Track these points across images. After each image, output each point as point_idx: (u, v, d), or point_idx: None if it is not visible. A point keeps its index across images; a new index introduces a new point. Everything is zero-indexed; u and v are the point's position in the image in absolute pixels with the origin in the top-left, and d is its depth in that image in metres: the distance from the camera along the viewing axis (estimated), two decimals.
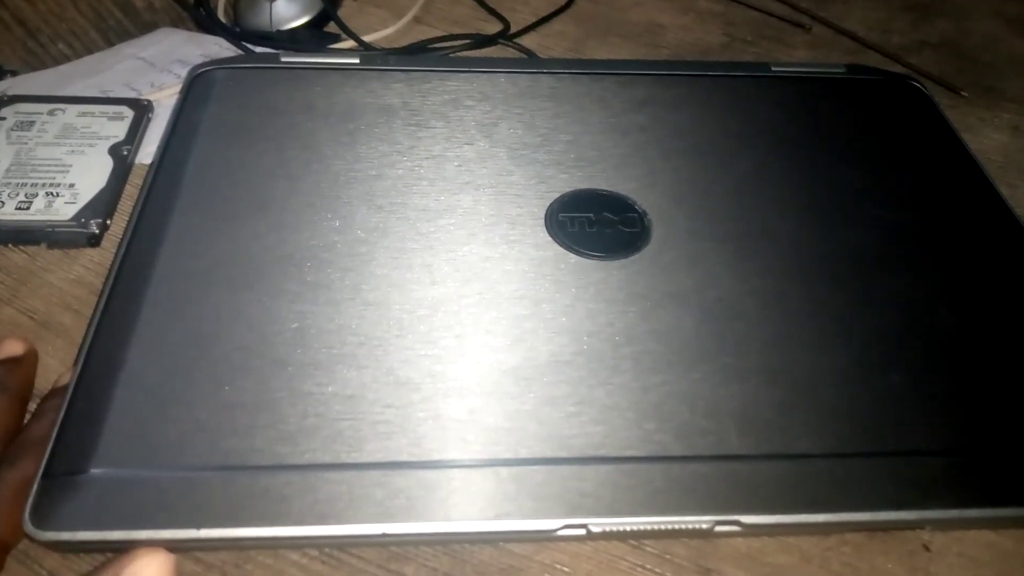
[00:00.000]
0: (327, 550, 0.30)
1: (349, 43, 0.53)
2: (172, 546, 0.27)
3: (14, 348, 0.32)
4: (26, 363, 0.32)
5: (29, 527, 0.26)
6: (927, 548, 0.31)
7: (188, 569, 0.29)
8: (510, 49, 0.55)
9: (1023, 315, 0.36)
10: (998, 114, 0.52)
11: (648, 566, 0.30)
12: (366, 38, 0.53)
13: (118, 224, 0.40)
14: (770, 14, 0.60)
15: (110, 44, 0.53)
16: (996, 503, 0.30)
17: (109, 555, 0.27)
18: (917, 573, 0.30)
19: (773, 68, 0.48)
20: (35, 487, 0.27)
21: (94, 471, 0.28)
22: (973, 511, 0.30)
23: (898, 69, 0.55)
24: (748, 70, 0.48)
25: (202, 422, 0.29)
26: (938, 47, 0.58)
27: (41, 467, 0.28)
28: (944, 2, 0.63)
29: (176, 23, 0.56)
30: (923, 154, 0.44)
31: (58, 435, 0.29)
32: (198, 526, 0.27)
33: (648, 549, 0.30)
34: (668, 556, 0.30)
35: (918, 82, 0.49)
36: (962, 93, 0.53)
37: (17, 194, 0.40)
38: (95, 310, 0.33)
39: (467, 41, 0.54)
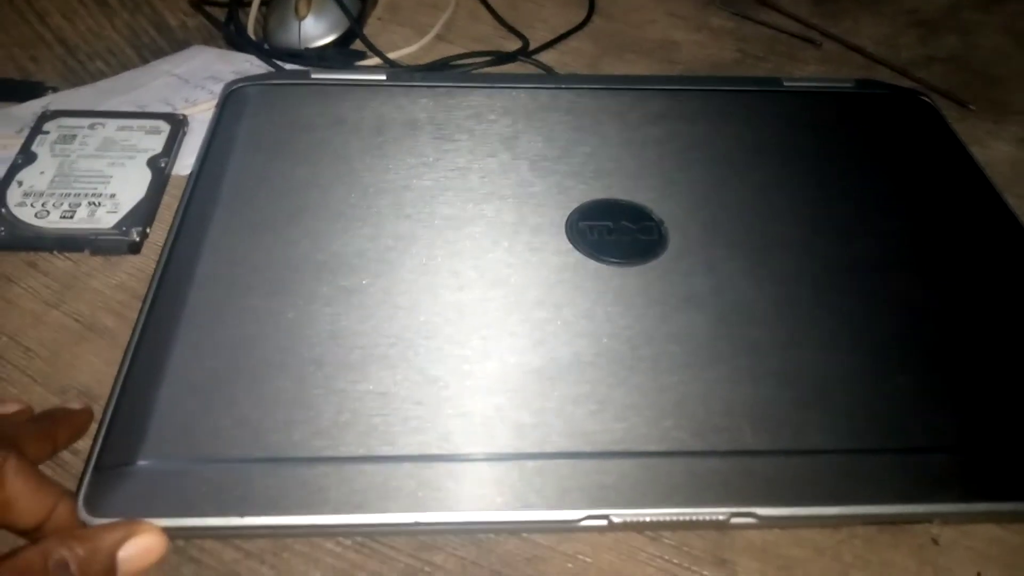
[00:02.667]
0: (360, 539, 0.31)
1: (375, 60, 0.55)
2: (215, 533, 0.29)
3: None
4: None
5: (83, 514, 0.28)
6: (935, 542, 0.32)
7: (228, 556, 0.30)
8: (529, 65, 0.56)
9: None
10: (1006, 127, 0.54)
11: (666, 557, 0.31)
12: (391, 55, 0.55)
13: (156, 232, 0.42)
14: (781, 31, 0.62)
15: (145, 61, 0.56)
16: (1001, 498, 0.31)
17: None
18: (925, 566, 0.31)
19: (785, 83, 0.50)
20: (87, 478, 0.29)
21: (142, 462, 0.29)
22: (979, 505, 0.31)
23: (907, 84, 0.56)
24: (760, 85, 0.50)
25: (243, 417, 0.31)
26: (946, 61, 0.59)
27: (93, 458, 0.30)
28: (952, 18, 0.64)
29: (208, 41, 0.58)
30: (931, 166, 0.45)
31: (108, 429, 0.31)
32: (241, 514, 0.28)
33: (666, 541, 0.32)
34: (685, 548, 0.31)
35: (926, 96, 0.50)
36: (970, 107, 0.55)
37: (61, 204, 0.42)
38: (140, 312, 0.35)
39: (488, 58, 0.56)
